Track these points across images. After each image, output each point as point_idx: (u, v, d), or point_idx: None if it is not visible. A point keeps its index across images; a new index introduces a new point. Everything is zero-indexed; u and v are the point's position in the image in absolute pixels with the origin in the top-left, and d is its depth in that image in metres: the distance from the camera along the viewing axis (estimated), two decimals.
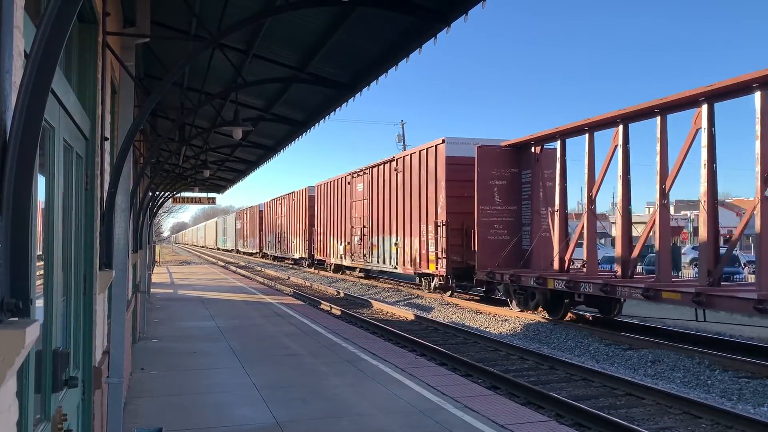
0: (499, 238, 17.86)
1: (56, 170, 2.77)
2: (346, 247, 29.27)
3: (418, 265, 21.36)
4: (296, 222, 39.57)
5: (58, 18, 1.46)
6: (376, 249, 25.36)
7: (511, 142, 18.07)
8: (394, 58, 6.27)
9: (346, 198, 29.35)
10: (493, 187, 17.91)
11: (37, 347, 2.39)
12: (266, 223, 50.84)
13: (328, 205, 32.29)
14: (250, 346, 10.50)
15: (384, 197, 24.59)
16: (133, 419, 6.25)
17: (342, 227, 29.88)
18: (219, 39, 5.49)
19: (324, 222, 33.05)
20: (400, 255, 22.92)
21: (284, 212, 43.58)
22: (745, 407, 8.25)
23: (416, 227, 21.37)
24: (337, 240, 30.92)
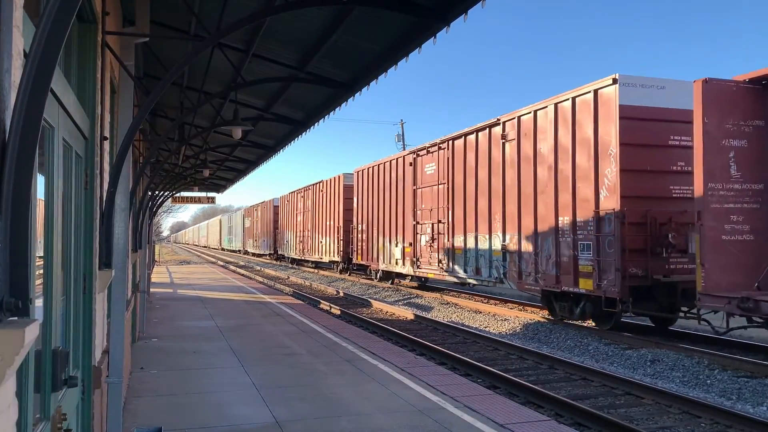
0: (739, 237, 11.09)
1: (56, 170, 2.77)
2: (406, 249, 22.66)
3: (555, 279, 14.06)
4: (325, 218, 33.09)
5: (58, 17, 1.46)
6: (461, 253, 18.59)
7: (758, 74, 11.14)
8: (394, 57, 6.27)
9: (405, 185, 22.73)
10: (727, 151, 11.05)
11: (37, 347, 2.39)
12: (283, 220, 44.02)
13: (376, 195, 25.65)
14: (249, 346, 10.50)
15: (476, 180, 17.69)
16: (132, 418, 6.26)
17: (398, 223, 23.26)
18: (218, 38, 5.49)
19: (368, 217, 26.41)
20: (511, 263, 15.90)
21: (308, 207, 36.72)
22: (744, 407, 8.25)
23: (548, 220, 14.38)
24: (389, 240, 24.31)
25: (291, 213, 41.83)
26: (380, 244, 25.31)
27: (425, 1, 4.99)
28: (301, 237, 38.42)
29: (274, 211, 47.89)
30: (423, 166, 21.40)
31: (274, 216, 47.69)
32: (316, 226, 34.86)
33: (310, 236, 36.40)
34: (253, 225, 57.84)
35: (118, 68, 5.55)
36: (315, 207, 35.28)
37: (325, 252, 33.24)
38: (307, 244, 36.91)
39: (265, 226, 51.11)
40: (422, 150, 21.36)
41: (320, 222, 34.13)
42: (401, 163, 23.32)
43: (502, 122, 16.39)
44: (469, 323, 15.92)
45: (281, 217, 45.03)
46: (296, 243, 39.79)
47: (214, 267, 40.48)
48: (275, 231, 47.64)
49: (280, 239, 45.42)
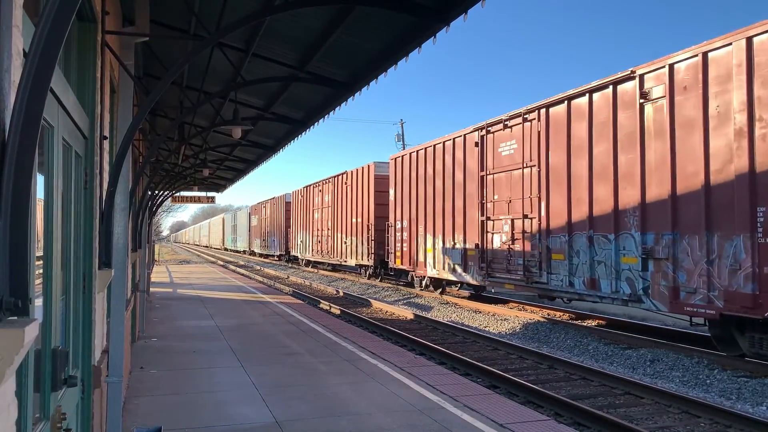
0: None
1: (55, 169, 2.77)
2: (468, 252, 17.88)
3: (751, 300, 9.64)
4: (351, 215, 28.75)
5: (57, 16, 1.46)
6: (564, 259, 13.82)
7: None
8: (394, 57, 6.27)
9: (466, 170, 17.94)
10: None
11: (36, 346, 2.39)
12: (296, 218, 39.25)
13: (422, 186, 20.98)
14: (249, 345, 10.51)
15: (590, 159, 13.13)
16: (132, 418, 6.26)
17: (456, 220, 18.66)
18: (218, 38, 5.49)
19: (410, 213, 21.90)
20: (658, 273, 11.36)
21: (327, 202, 32.45)
22: (743, 406, 8.26)
23: (733, 211, 9.97)
24: (441, 240, 19.60)
25: (306, 209, 36.93)
26: (428, 245, 20.45)
27: (425, 0, 4.98)
28: (319, 237, 33.94)
29: (285, 208, 42.89)
30: (496, 145, 16.45)
31: (286, 213, 42.76)
32: (339, 224, 30.50)
33: (330, 236, 31.84)
34: (260, 223, 52.62)
35: (118, 68, 5.55)
36: (337, 202, 30.87)
37: (351, 254, 28.60)
38: (327, 245, 32.33)
39: (275, 225, 46.31)
40: (495, 124, 16.45)
41: (344, 219, 29.75)
42: (460, 144, 18.35)
43: (638, 75, 11.77)
44: (469, 323, 15.92)
45: (294, 215, 40.08)
46: (313, 243, 35.19)
47: (213, 267, 40.48)
48: (287, 230, 42.68)
49: (293, 239, 40.56)
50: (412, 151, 22.13)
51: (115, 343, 5.00)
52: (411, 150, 22.40)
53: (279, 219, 45.27)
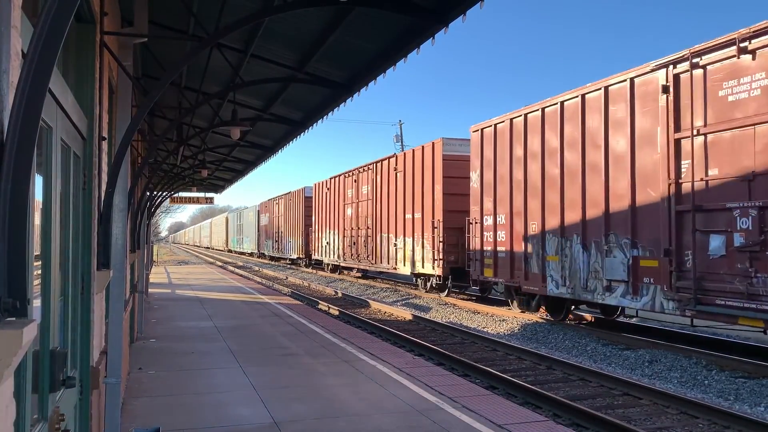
0: None
1: (54, 170, 2.77)
2: (640, 264, 11.68)
3: None
4: (405, 208, 22.45)
5: (56, 17, 1.46)
6: None
7: None
8: (392, 58, 6.27)
9: (641, 129, 11.75)
10: None
11: (35, 347, 2.39)
12: (321, 215, 33.32)
13: (540, 162, 14.67)
14: (248, 346, 10.50)
15: None
16: (130, 419, 6.25)
17: (616, 208, 12.38)
18: (217, 39, 5.49)
19: (517, 203, 15.66)
20: None
21: (366, 193, 26.49)
22: (741, 407, 8.27)
23: None
24: (576, 240, 13.41)
25: (334, 204, 31.06)
26: (549, 248, 14.33)
27: (424, 1, 4.99)
28: (353, 237, 28.02)
29: (305, 204, 37.01)
30: (713, 87, 10.22)
31: (306, 210, 36.92)
32: (384, 221, 24.39)
33: (370, 236, 25.76)
34: (272, 222, 46.41)
35: (117, 68, 5.55)
36: (380, 193, 24.77)
37: (404, 260, 22.41)
38: (367, 248, 26.06)
39: (291, 224, 40.21)
40: (711, 50, 10.18)
41: (392, 215, 23.64)
42: (621, 95, 12.22)
43: None
44: (468, 324, 15.93)
45: (317, 211, 34.14)
46: (344, 246, 29.23)
47: (212, 267, 40.45)
48: (307, 229, 36.70)
49: (316, 240, 34.37)
50: (515, 115, 15.54)
51: (113, 344, 5.00)
52: (512, 115, 15.72)
53: (296, 217, 39.13)
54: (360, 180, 27.71)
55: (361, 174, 27.61)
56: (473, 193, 17.95)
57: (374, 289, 24.62)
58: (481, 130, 17.46)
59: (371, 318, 16.80)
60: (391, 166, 24.22)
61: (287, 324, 13.20)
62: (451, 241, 19.77)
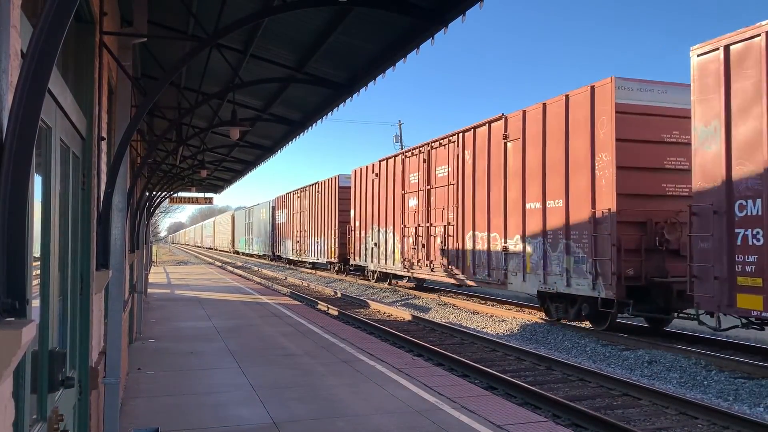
0: None
1: (53, 170, 2.77)
2: None
3: None
4: (516, 193, 15.69)
5: (55, 17, 1.46)
6: None
7: None
8: (392, 58, 6.28)
9: None
10: None
11: (34, 347, 2.38)
12: (362, 210, 26.50)
13: None
14: (247, 347, 10.49)
15: None
16: (129, 419, 6.24)
17: None
18: (216, 39, 5.49)
19: None
20: None
21: (442, 177, 19.55)
22: (741, 408, 8.27)
23: None
24: None
25: (385, 195, 23.99)
26: None
27: (423, 2, 4.99)
28: (423, 237, 20.77)
29: (339, 195, 30.27)
30: None
31: (340, 203, 30.04)
32: (476, 213, 17.54)
33: (453, 236, 18.74)
34: (291, 220, 39.66)
35: (116, 68, 5.55)
36: (470, 175, 17.84)
37: (524, 270, 15.33)
38: (446, 253, 19.10)
39: (320, 220, 33.12)
40: None
41: (496, 205, 16.57)
42: None
43: None
44: (467, 324, 15.93)
45: (358, 204, 27.10)
46: (404, 248, 22.25)
47: (211, 267, 40.44)
48: (341, 227, 29.65)
49: (357, 241, 27.43)
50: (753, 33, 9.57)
51: (112, 345, 4.99)
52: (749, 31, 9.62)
53: (327, 212, 32.09)
54: (433, 159, 20.20)
55: (434, 151, 20.13)
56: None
57: (373, 290, 24.61)
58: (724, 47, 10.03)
59: (370, 318, 16.80)
60: (494, 133, 16.68)
61: (286, 324, 13.19)
62: (629, 243, 12.69)
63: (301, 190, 37.79)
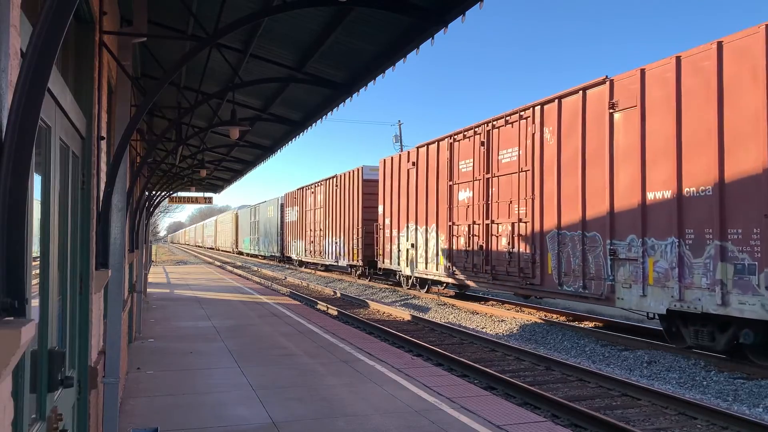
0: None
1: (52, 169, 2.77)
2: None
3: None
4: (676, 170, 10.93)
5: (55, 17, 1.46)
6: None
7: None
8: (392, 58, 6.28)
9: None
10: None
11: (33, 347, 2.38)
12: (394, 205, 22.91)
13: None
14: (246, 346, 10.49)
15: None
16: (129, 419, 6.24)
17: None
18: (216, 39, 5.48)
19: None
20: None
21: (507, 164, 15.93)
22: (740, 408, 8.27)
23: None
24: None
25: (425, 186, 20.42)
26: None
27: (423, 2, 4.99)
28: (479, 238, 17.15)
29: (363, 189, 26.76)
30: None
31: (365, 198, 26.66)
32: (573, 209, 13.48)
33: (536, 234, 14.68)
34: (303, 218, 36.15)
35: (116, 68, 5.55)
36: (569, 154, 13.63)
37: (650, 283, 11.52)
38: (516, 259, 15.32)
39: (339, 218, 29.64)
40: None
41: (634, 188, 11.90)
42: None
43: None
44: (467, 324, 15.93)
45: (389, 199, 23.44)
46: (453, 250, 18.46)
47: (210, 267, 40.43)
48: (366, 226, 26.20)
49: (387, 242, 23.69)
50: None
51: (111, 344, 4.99)
52: None
53: (348, 208, 28.42)
54: (494, 140, 16.52)
55: (496, 131, 16.43)
56: None
57: (373, 290, 24.61)
58: None
59: (370, 318, 16.80)
60: (592, 102, 12.93)
61: (286, 324, 13.19)
62: None
63: (315, 185, 34.15)
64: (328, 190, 31.63)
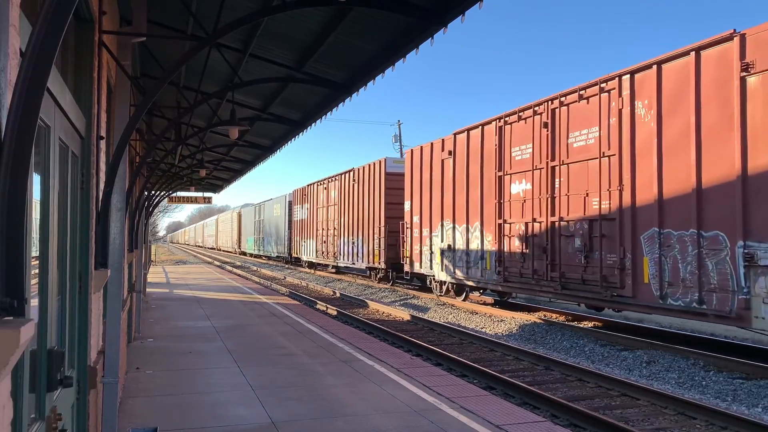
0: None
1: (52, 169, 2.77)
2: None
3: None
4: None
5: (55, 16, 1.46)
6: None
7: None
8: (391, 58, 6.28)
9: None
10: None
11: (32, 346, 2.38)
12: (422, 202, 20.54)
13: None
14: (245, 346, 10.49)
15: None
16: (128, 419, 6.24)
17: None
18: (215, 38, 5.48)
19: None
20: None
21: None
22: (739, 408, 8.28)
23: None
24: None
25: (462, 178, 17.97)
26: None
27: (422, 2, 5.00)
28: (543, 237, 14.39)
29: (386, 184, 24.25)
30: None
31: (387, 193, 24.12)
32: (684, 203, 10.88)
33: (625, 233, 12.04)
34: (314, 216, 33.49)
35: (115, 67, 5.54)
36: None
37: None
38: (600, 265, 12.53)
39: (357, 216, 26.96)
40: None
41: None
42: None
43: None
44: (466, 324, 15.93)
45: (417, 194, 20.98)
46: (505, 252, 15.85)
47: (210, 267, 40.41)
48: (389, 224, 23.77)
49: (416, 242, 21.06)
50: None
51: (111, 344, 4.99)
52: None
53: (368, 205, 25.74)
54: (562, 120, 13.93)
55: (564, 108, 13.87)
56: None
57: (372, 290, 24.61)
58: None
59: (369, 318, 16.80)
60: (709, 64, 10.59)
61: (285, 324, 13.19)
62: None
63: (329, 180, 31.29)
64: (344, 186, 28.95)
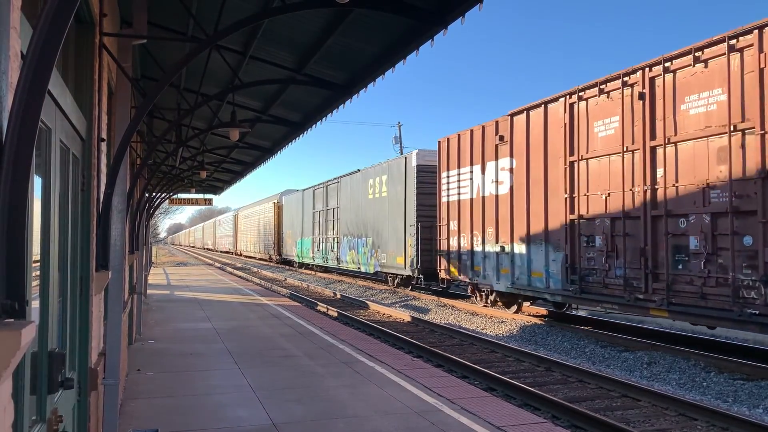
0: None
1: (52, 171, 2.77)
2: None
3: None
4: None
5: (55, 19, 1.46)
6: None
7: None
8: (391, 59, 6.28)
9: None
10: None
11: (33, 348, 2.38)
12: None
13: None
14: (246, 348, 10.49)
15: None
16: (129, 421, 6.24)
17: None
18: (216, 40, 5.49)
19: None
20: None
21: None
22: (740, 409, 8.28)
23: None
24: None
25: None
26: None
27: (423, 3, 5.00)
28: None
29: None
30: None
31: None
32: None
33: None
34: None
35: (116, 70, 5.55)
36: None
37: None
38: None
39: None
40: None
41: None
42: None
43: None
44: (466, 325, 15.92)
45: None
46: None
47: (211, 269, 40.41)
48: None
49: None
50: None
51: (111, 346, 4.99)
52: None
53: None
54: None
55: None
56: None
57: (372, 291, 24.59)
58: None
59: (370, 319, 16.79)
60: None
61: (286, 325, 13.19)
62: None
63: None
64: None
